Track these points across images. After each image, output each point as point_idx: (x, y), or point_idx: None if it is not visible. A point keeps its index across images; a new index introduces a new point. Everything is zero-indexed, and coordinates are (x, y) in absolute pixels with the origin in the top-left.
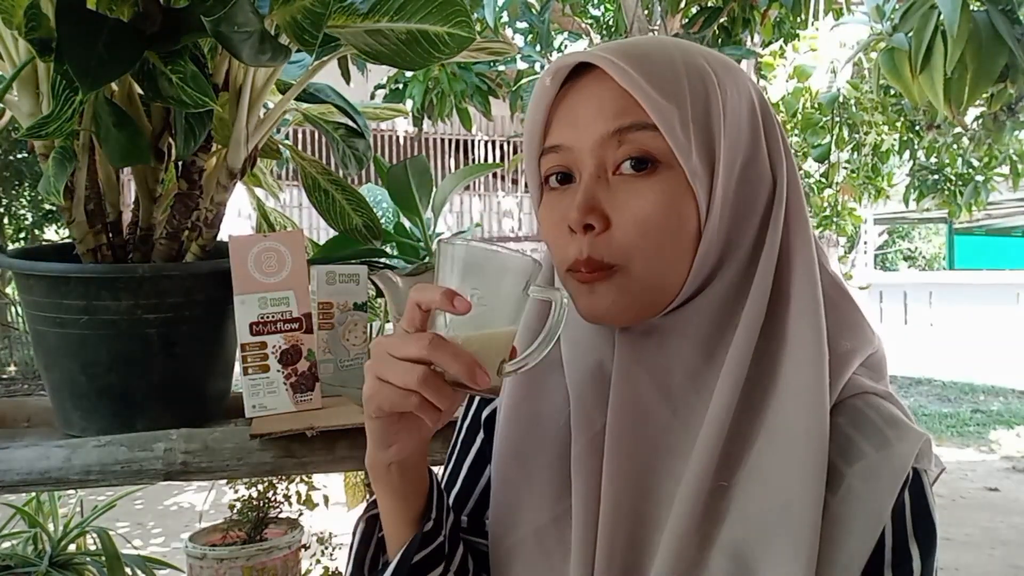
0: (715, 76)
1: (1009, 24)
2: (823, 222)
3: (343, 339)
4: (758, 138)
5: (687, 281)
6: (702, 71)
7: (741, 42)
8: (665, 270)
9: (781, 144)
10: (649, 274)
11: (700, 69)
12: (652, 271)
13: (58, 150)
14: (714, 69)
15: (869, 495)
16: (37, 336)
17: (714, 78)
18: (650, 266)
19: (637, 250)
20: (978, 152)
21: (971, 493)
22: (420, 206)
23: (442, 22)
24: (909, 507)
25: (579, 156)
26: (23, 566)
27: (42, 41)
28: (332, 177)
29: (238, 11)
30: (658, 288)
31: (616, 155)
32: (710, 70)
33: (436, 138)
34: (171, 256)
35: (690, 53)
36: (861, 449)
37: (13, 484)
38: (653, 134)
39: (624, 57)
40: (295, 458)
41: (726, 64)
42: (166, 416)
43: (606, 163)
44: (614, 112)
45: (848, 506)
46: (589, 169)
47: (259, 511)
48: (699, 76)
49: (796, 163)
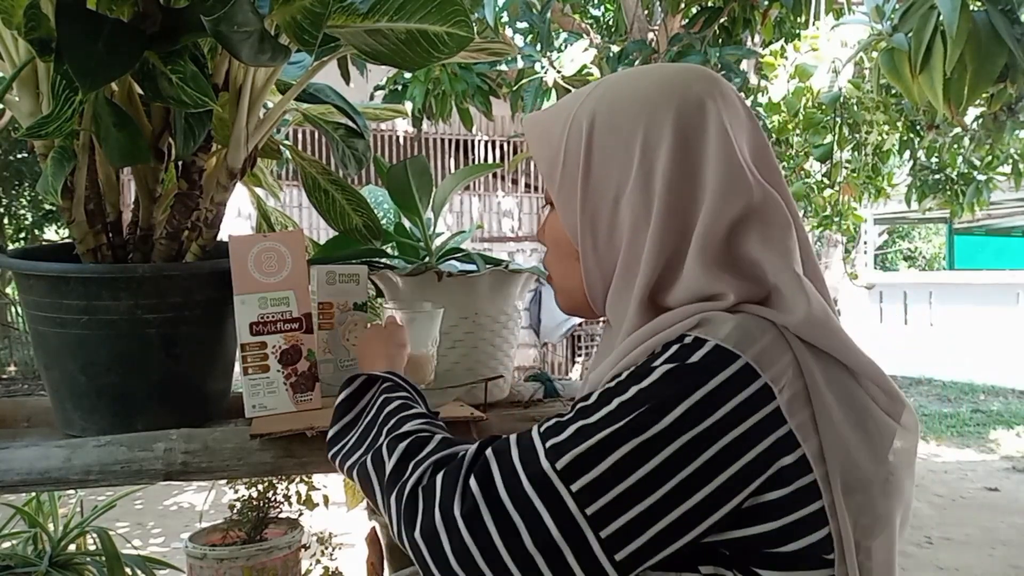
0: (591, 128)
1: (1009, 24)
2: (823, 222)
3: (343, 339)
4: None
5: (586, 291)
6: (581, 125)
7: (741, 42)
8: (568, 281)
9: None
10: (560, 282)
11: (580, 124)
12: (560, 281)
13: (57, 150)
14: (595, 119)
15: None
16: (37, 336)
17: (587, 131)
18: (558, 278)
19: (548, 266)
20: (979, 152)
21: (971, 493)
22: (420, 206)
23: (441, 22)
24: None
25: None
26: (23, 566)
27: (42, 41)
28: (332, 177)
29: (238, 11)
30: (571, 294)
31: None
32: (588, 122)
33: (436, 138)
34: (171, 256)
35: (588, 104)
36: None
37: (13, 484)
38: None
39: (534, 123)
40: (295, 458)
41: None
42: (166, 416)
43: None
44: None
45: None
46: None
47: (259, 511)
48: (577, 131)
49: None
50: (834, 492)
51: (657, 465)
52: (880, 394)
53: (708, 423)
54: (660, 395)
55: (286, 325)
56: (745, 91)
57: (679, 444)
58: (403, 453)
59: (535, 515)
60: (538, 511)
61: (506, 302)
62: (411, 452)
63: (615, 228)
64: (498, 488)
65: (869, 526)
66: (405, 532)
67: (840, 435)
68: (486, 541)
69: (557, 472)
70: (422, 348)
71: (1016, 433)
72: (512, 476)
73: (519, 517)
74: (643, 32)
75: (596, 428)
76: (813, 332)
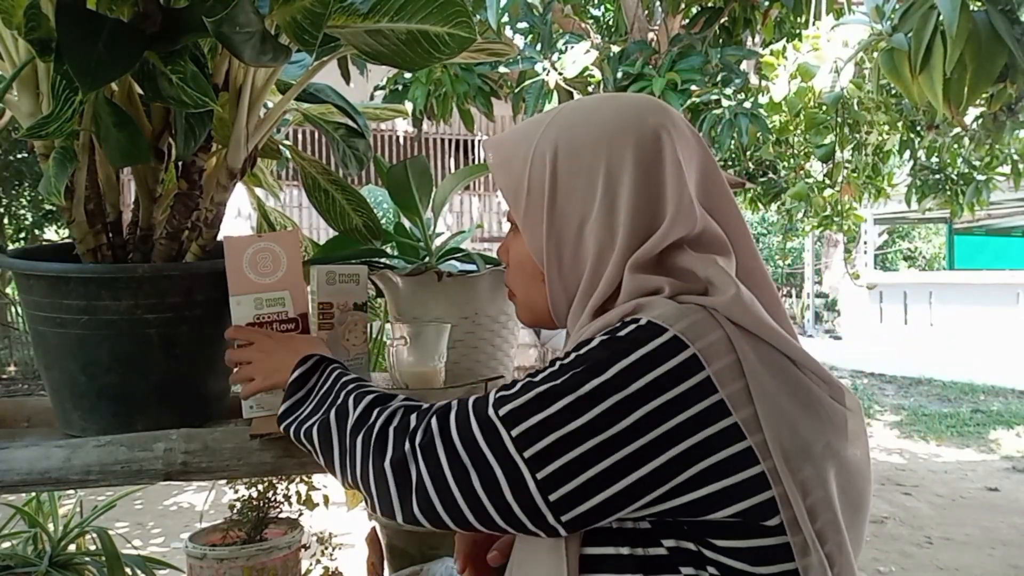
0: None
1: (1009, 24)
2: (824, 222)
3: (343, 339)
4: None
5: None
6: (544, 154)
7: (742, 42)
8: (532, 300)
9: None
10: (524, 300)
11: (543, 152)
12: (524, 299)
13: (58, 150)
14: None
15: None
16: (37, 336)
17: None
18: (522, 296)
19: (512, 284)
20: (979, 152)
21: (971, 493)
22: (420, 206)
23: (442, 22)
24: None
25: None
26: (23, 566)
27: (42, 41)
28: (332, 177)
29: (239, 11)
30: (534, 310)
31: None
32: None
33: (436, 138)
34: (171, 256)
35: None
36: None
37: (13, 484)
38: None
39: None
40: (295, 458)
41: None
42: (166, 416)
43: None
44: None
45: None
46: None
47: (259, 511)
48: (541, 159)
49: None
50: (775, 459)
51: (588, 420)
52: (820, 381)
53: (637, 386)
54: (594, 358)
55: (282, 326)
56: (746, 91)
57: (609, 403)
58: (369, 403)
59: (480, 454)
60: (483, 450)
61: (506, 302)
62: (377, 402)
63: (579, 251)
64: (451, 428)
65: (825, 499)
66: (373, 463)
67: (778, 406)
68: (437, 472)
69: (500, 418)
70: (429, 363)
71: (1016, 433)
72: (464, 419)
73: (466, 454)
74: (643, 32)
75: (537, 384)
76: (744, 316)
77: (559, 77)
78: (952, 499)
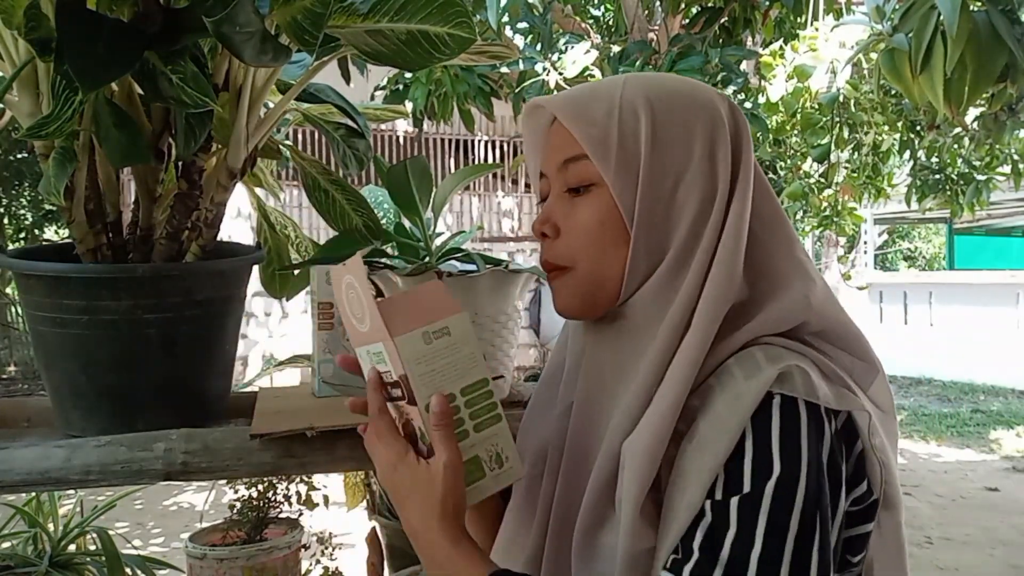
0: (650, 110)
1: (1009, 24)
2: (823, 222)
3: (343, 339)
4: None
5: (625, 278)
6: (636, 107)
7: (742, 42)
8: (604, 270)
9: (730, 160)
10: (591, 273)
11: (634, 106)
12: (593, 271)
13: (58, 150)
14: (652, 104)
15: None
16: (37, 336)
17: (646, 113)
18: (591, 267)
19: (579, 254)
20: (979, 152)
21: (971, 493)
22: (420, 206)
23: (443, 23)
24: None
25: (551, 179)
26: (23, 566)
27: (42, 41)
28: (332, 177)
29: (240, 11)
30: (600, 284)
31: (566, 179)
32: (646, 106)
33: (436, 138)
34: (171, 256)
35: (634, 91)
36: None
37: (13, 484)
38: (587, 162)
39: (567, 101)
40: (295, 458)
41: (672, 97)
42: (166, 416)
43: (565, 185)
44: (561, 146)
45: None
46: (555, 190)
47: (259, 511)
48: (632, 111)
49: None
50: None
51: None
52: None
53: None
54: (793, 474)
55: (394, 390)
56: (745, 92)
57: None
58: None
59: None
60: None
61: (506, 302)
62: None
63: (671, 208)
64: None
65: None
66: None
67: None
68: None
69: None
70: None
71: (1016, 433)
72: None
73: None
74: (643, 32)
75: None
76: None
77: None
78: (952, 499)
